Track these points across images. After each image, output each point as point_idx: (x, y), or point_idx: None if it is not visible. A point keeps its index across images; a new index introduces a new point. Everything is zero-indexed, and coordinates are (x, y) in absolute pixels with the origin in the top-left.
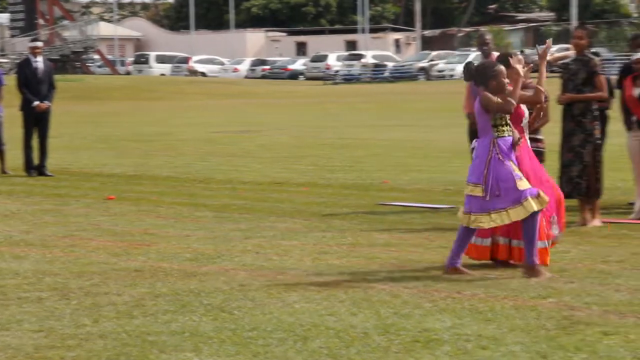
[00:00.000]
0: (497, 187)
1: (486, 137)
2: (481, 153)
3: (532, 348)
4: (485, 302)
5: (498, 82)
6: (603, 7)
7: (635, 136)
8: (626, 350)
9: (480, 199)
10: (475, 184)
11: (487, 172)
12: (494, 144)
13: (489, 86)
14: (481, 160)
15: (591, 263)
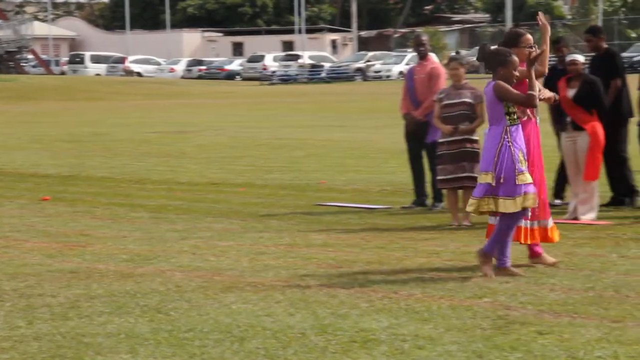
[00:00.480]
0: (504, 175)
1: (498, 125)
2: (493, 141)
3: (468, 347)
4: (422, 302)
5: (507, 72)
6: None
7: (569, 137)
8: (560, 349)
9: (489, 185)
10: (486, 172)
11: (497, 159)
12: (506, 131)
13: (497, 73)
14: (492, 147)
15: (526, 263)
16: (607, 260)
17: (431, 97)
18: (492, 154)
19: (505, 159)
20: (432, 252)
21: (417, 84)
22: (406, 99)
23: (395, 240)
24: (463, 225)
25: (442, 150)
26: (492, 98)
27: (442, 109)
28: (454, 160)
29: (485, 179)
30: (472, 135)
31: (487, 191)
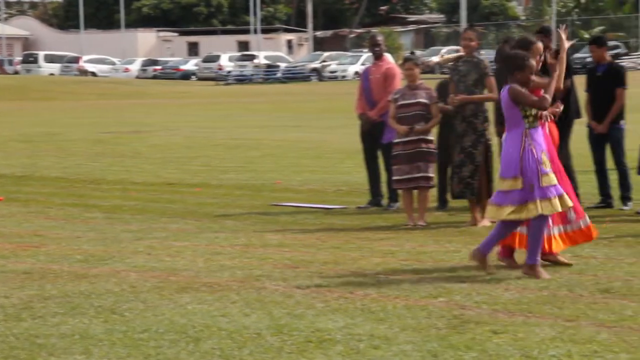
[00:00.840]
0: (527, 178)
1: (517, 129)
2: (514, 145)
3: (423, 347)
4: (378, 302)
5: (524, 76)
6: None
7: None
8: (515, 348)
9: (519, 191)
10: (515, 178)
11: (522, 163)
12: (526, 134)
13: (514, 76)
14: (515, 152)
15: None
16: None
17: (386, 97)
18: (517, 159)
19: (529, 162)
20: (387, 252)
21: (372, 84)
22: (362, 99)
23: (351, 241)
24: (418, 225)
25: (397, 150)
26: (507, 102)
27: (397, 109)
28: (409, 161)
29: (514, 185)
30: (428, 135)
31: (523, 198)
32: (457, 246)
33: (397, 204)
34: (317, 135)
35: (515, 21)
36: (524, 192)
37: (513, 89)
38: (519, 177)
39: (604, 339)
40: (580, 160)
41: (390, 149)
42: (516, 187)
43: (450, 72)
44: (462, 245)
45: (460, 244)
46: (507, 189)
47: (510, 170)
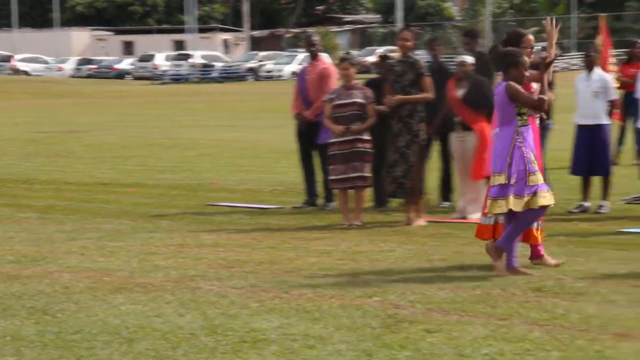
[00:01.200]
0: (515, 174)
1: (509, 126)
2: (504, 142)
3: (358, 346)
4: (313, 302)
5: (518, 72)
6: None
7: (458, 137)
8: (448, 347)
9: (501, 185)
10: (500, 173)
11: (510, 160)
12: (517, 132)
13: (508, 74)
14: (504, 149)
15: (416, 262)
16: None
17: (322, 97)
18: (505, 155)
19: (517, 159)
20: (323, 251)
21: (308, 84)
22: (298, 99)
23: (286, 240)
24: (354, 225)
25: (333, 150)
26: (503, 99)
27: (333, 109)
28: (345, 160)
29: (499, 180)
30: (364, 135)
31: (499, 192)
32: (392, 246)
33: (332, 204)
34: (253, 135)
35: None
36: (503, 187)
37: (511, 86)
38: (503, 173)
39: (536, 337)
40: None
41: (326, 148)
42: (499, 181)
43: (387, 73)
44: (397, 245)
45: (395, 244)
46: (492, 184)
47: (497, 166)
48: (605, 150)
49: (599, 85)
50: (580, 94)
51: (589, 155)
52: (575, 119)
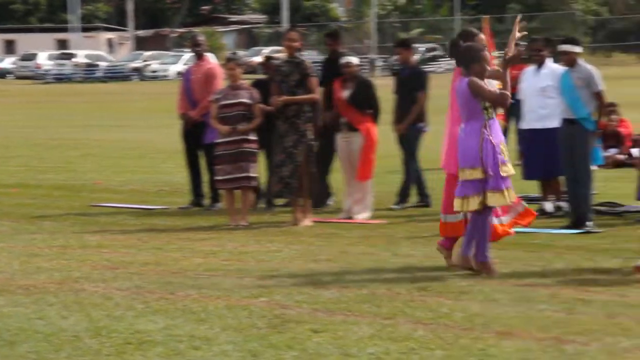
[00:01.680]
0: (489, 167)
1: (476, 120)
2: (473, 136)
3: (244, 347)
4: (198, 303)
5: (481, 67)
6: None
7: (344, 137)
8: (334, 347)
9: (477, 181)
10: (473, 167)
11: (482, 154)
12: (485, 126)
13: (471, 69)
14: (474, 143)
15: (302, 262)
16: (380, 259)
17: (208, 97)
18: (476, 150)
19: (489, 152)
20: (209, 252)
21: (194, 84)
22: (183, 99)
23: (172, 241)
24: (240, 226)
25: (220, 150)
26: (467, 94)
27: (219, 109)
28: (232, 161)
29: (473, 174)
30: (250, 135)
31: (478, 188)
32: (279, 246)
33: (219, 204)
34: (138, 135)
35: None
36: (483, 181)
37: (473, 82)
38: (478, 167)
39: (421, 336)
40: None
41: (212, 149)
42: (476, 176)
43: (274, 73)
44: (283, 245)
45: (282, 244)
46: (468, 179)
47: (469, 161)
48: None
49: None
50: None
51: None
52: None
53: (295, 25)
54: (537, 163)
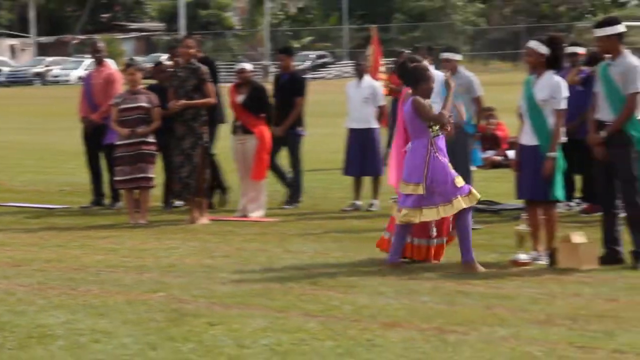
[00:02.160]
0: (436, 184)
1: (421, 138)
2: (419, 153)
3: (143, 340)
4: (99, 298)
5: (428, 86)
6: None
7: (239, 140)
8: (230, 338)
9: (419, 196)
10: (417, 184)
11: (427, 171)
12: (431, 143)
13: (418, 89)
14: (421, 160)
15: (199, 258)
16: (274, 255)
17: (108, 101)
18: (421, 166)
19: (436, 169)
20: (109, 249)
21: (94, 88)
22: (84, 103)
23: (74, 239)
24: (139, 224)
25: (119, 152)
26: (412, 113)
27: (119, 112)
28: (131, 162)
29: (416, 190)
30: (149, 138)
31: (419, 202)
32: (177, 243)
33: (119, 204)
34: (41, 138)
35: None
36: (422, 198)
37: (416, 101)
38: (421, 184)
39: (312, 328)
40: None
41: (112, 150)
42: (417, 192)
43: (171, 78)
44: (181, 242)
45: (180, 241)
46: (409, 193)
47: (414, 177)
48: (375, 152)
49: (369, 92)
50: (351, 100)
51: (360, 157)
52: (347, 123)
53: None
54: None
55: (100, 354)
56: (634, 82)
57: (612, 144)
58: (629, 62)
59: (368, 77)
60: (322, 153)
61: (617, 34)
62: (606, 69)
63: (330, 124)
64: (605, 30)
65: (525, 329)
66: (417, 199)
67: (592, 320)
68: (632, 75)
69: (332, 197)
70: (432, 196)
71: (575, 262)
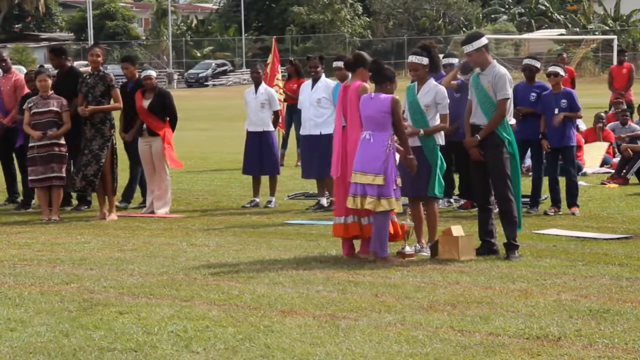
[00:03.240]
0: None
1: (384, 132)
2: (380, 146)
3: (56, 328)
4: (14, 289)
5: (393, 87)
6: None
7: (146, 141)
8: (138, 326)
9: (378, 186)
10: (376, 174)
11: (387, 164)
12: (391, 140)
13: (384, 87)
14: (381, 152)
15: (109, 252)
16: (179, 248)
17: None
18: (382, 158)
19: (391, 163)
20: (24, 244)
21: (3, 95)
22: None
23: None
24: (52, 220)
25: (32, 153)
26: (386, 108)
27: (32, 116)
28: (43, 162)
29: (376, 180)
30: (60, 139)
31: (380, 193)
32: (88, 237)
33: (32, 202)
34: None
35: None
36: (381, 188)
37: (396, 102)
38: (381, 175)
39: (215, 316)
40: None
41: (23, 151)
42: (377, 182)
43: (79, 84)
44: (92, 236)
45: (91, 236)
46: (368, 183)
47: (372, 167)
48: (272, 153)
49: (265, 98)
50: (249, 105)
51: (258, 157)
52: (246, 127)
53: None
54: (313, 164)
55: (16, 342)
56: (503, 89)
57: (485, 146)
58: (497, 71)
59: (264, 84)
60: (223, 154)
61: (483, 46)
62: (477, 78)
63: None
64: (473, 45)
65: (410, 315)
66: (378, 189)
67: (470, 306)
68: (501, 82)
69: (233, 194)
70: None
71: (455, 254)
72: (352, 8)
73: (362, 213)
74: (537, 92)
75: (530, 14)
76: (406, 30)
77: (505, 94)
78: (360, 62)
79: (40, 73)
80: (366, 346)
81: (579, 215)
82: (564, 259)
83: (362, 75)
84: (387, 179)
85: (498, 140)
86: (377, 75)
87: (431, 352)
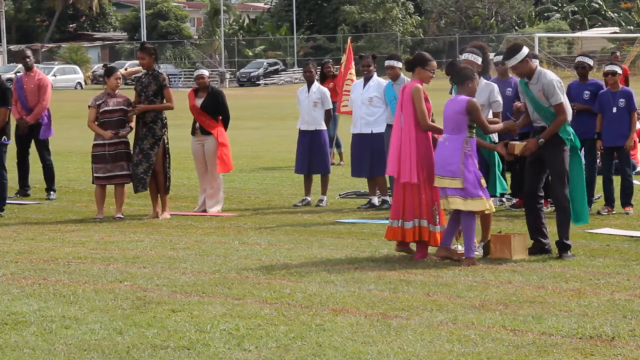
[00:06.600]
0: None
1: (459, 134)
2: (455, 149)
3: (110, 325)
4: (69, 287)
5: (474, 86)
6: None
7: (198, 140)
8: (191, 324)
9: (459, 190)
10: (453, 178)
11: (463, 167)
12: (466, 142)
13: (465, 86)
14: (456, 155)
15: (162, 250)
16: (231, 247)
17: (41, 104)
18: (457, 162)
19: (469, 166)
20: (78, 242)
21: (27, 93)
22: (18, 106)
23: (44, 233)
24: (117, 218)
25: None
26: (461, 109)
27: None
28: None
29: (452, 184)
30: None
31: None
32: (141, 236)
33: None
34: None
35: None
36: (464, 190)
37: (473, 103)
38: (458, 178)
39: (267, 314)
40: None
41: (48, 143)
42: (454, 185)
43: (135, 83)
44: (144, 235)
45: (144, 234)
46: (446, 187)
47: (449, 171)
48: (323, 152)
49: (317, 97)
50: (301, 104)
51: (309, 156)
52: (299, 125)
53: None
54: (364, 163)
55: (70, 339)
56: (555, 95)
57: (545, 144)
58: (545, 79)
59: (316, 83)
60: (275, 153)
61: (526, 56)
62: (526, 86)
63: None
64: (516, 58)
65: (462, 314)
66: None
67: (523, 306)
68: (550, 90)
69: (285, 193)
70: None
71: (507, 253)
72: (404, 7)
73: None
74: (591, 90)
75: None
76: (458, 29)
77: (557, 100)
78: (418, 62)
79: (115, 70)
80: (418, 345)
81: (632, 215)
82: (617, 259)
83: (420, 75)
84: (467, 181)
85: (558, 139)
86: (456, 77)
87: (483, 352)
